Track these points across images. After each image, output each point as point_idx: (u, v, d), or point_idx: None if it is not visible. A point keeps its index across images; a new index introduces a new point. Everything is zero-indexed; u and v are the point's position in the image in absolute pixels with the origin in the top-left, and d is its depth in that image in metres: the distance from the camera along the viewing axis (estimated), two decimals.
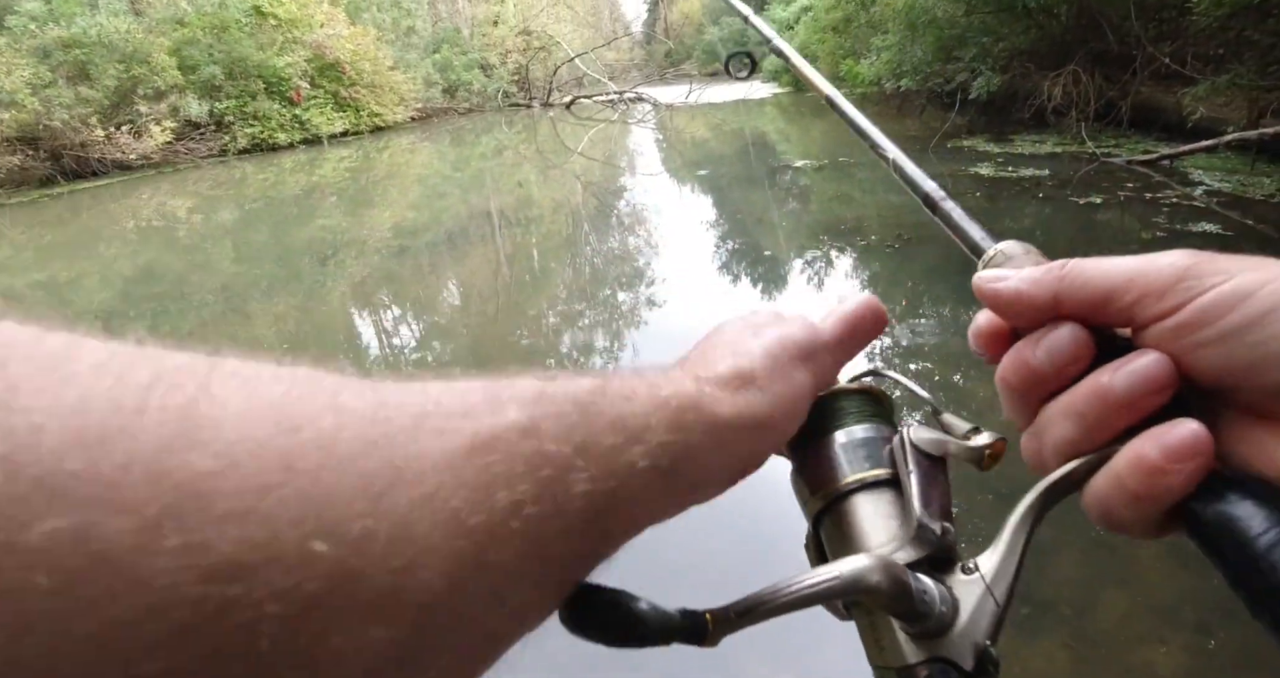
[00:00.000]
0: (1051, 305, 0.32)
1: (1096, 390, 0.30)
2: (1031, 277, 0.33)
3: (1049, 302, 0.32)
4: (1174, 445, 0.27)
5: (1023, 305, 0.33)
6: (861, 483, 0.35)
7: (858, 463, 0.36)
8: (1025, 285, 0.33)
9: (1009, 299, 0.33)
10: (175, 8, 17.93)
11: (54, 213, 12.45)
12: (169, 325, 5.43)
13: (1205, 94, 7.23)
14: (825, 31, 17.88)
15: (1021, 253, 0.37)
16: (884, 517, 0.34)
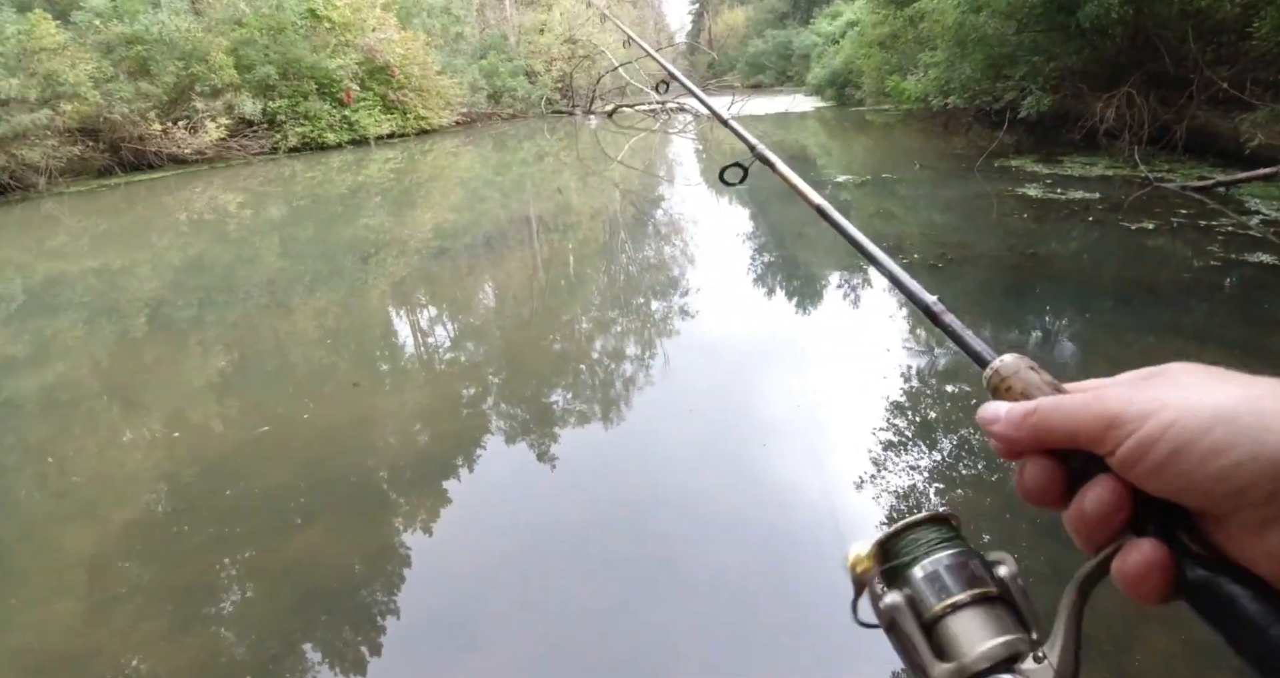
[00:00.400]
0: (1034, 444, 0.38)
1: (1078, 512, 0.36)
2: (1012, 422, 0.39)
3: (1032, 443, 0.38)
4: (1132, 569, 0.34)
5: (1012, 447, 0.39)
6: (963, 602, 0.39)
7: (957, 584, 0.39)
8: (1009, 431, 0.39)
9: (1000, 442, 0.40)
10: (234, 9, 18.45)
11: (110, 202, 12.86)
12: (214, 315, 5.56)
13: (1264, 120, 7.03)
14: (871, 46, 17.75)
15: (1015, 372, 0.42)
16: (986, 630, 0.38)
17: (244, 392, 4.15)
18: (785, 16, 46.38)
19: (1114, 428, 0.34)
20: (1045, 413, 0.38)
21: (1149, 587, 0.34)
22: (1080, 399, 0.37)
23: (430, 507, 2.90)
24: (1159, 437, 0.33)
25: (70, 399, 4.22)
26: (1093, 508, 0.36)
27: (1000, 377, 0.43)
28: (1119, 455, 0.34)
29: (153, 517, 2.93)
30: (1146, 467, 0.33)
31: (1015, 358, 0.43)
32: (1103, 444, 0.35)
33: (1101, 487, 0.35)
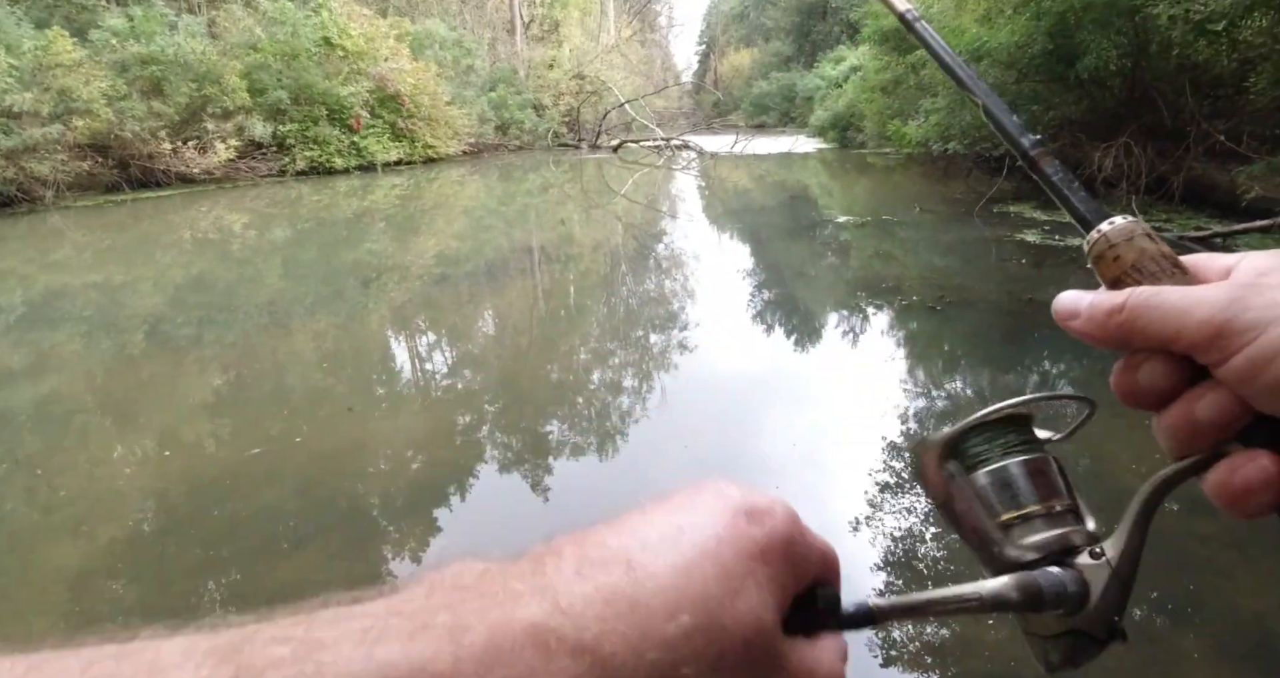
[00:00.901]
0: (1121, 344, 0.35)
1: (1185, 418, 0.33)
2: (1095, 318, 0.35)
3: (1118, 343, 0.35)
4: (1244, 483, 0.32)
5: (1097, 343, 0.35)
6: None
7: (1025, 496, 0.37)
8: (1093, 328, 0.35)
9: (1084, 337, 0.36)
10: (250, 34, 18.81)
11: (116, 218, 12.94)
12: (213, 334, 5.56)
13: (1261, 173, 7.14)
14: (874, 91, 18.07)
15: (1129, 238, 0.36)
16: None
17: (239, 412, 4.13)
18: (790, 60, 47.29)
19: (1222, 338, 0.31)
20: (1137, 310, 0.33)
21: (1259, 501, 0.31)
22: (1180, 298, 0.32)
23: (420, 535, 2.87)
24: (1275, 355, 0.30)
25: (63, 413, 4.20)
26: (1206, 417, 0.32)
27: (1108, 243, 0.37)
28: (1228, 369, 0.31)
29: (140, 535, 2.89)
30: (1259, 385, 0.30)
31: (1130, 222, 0.37)
32: (1207, 353, 0.32)
33: (1217, 395, 0.32)
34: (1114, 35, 9.00)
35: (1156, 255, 0.35)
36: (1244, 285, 0.32)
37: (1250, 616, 2.19)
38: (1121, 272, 0.36)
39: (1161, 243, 0.36)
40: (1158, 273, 0.35)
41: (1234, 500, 0.32)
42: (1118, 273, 0.36)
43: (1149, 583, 2.30)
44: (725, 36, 62.96)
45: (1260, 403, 0.31)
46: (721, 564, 0.28)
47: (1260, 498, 0.31)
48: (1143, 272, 0.35)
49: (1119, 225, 0.37)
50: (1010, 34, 10.06)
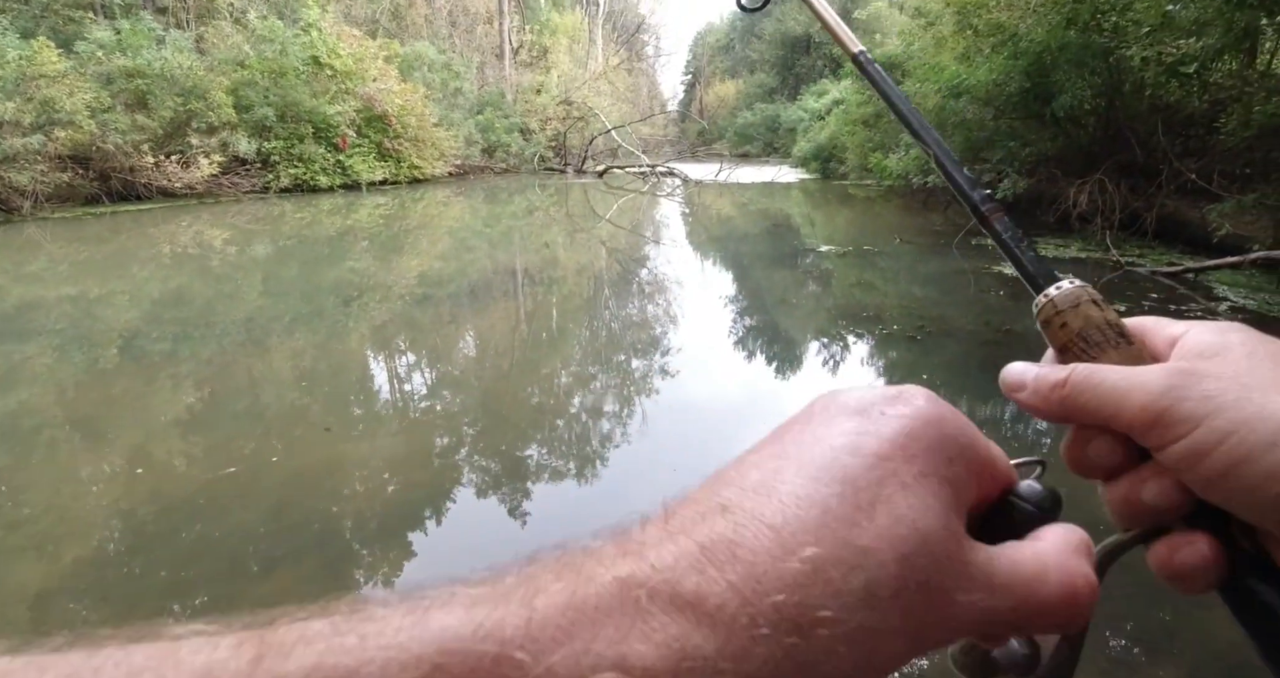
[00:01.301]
0: (1064, 419, 0.34)
1: (1130, 496, 0.33)
2: (1040, 392, 0.34)
3: (1061, 418, 0.34)
4: (1183, 564, 0.31)
5: (1042, 417, 0.35)
6: None
7: None
8: (1037, 402, 0.35)
9: (1029, 410, 0.35)
10: (238, 50, 18.83)
11: (94, 231, 12.78)
12: (189, 350, 5.47)
13: (1231, 211, 7.34)
14: (856, 124, 18.40)
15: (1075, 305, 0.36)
16: None
17: (212, 430, 4.06)
18: (774, 91, 48.11)
19: (1159, 426, 0.31)
20: (1078, 387, 0.33)
21: (1197, 583, 0.31)
22: (1119, 380, 0.32)
23: (395, 560, 2.82)
24: (1212, 449, 0.29)
25: (31, 427, 4.10)
26: (1151, 500, 0.32)
27: (1055, 309, 0.37)
28: (1167, 457, 0.31)
29: (106, 555, 2.82)
30: (1197, 477, 0.30)
31: (1077, 288, 0.37)
32: (1146, 438, 0.31)
33: (1160, 480, 0.32)
34: (1089, 75, 9.27)
35: (1102, 324, 0.35)
36: (1181, 372, 0.31)
37: (1225, 645, 2.20)
38: (1068, 339, 0.36)
39: (1108, 309, 0.36)
40: (1102, 343, 0.35)
41: (1173, 578, 0.32)
42: (1064, 340, 0.36)
43: (1125, 613, 2.31)
44: (711, 67, 63.99)
45: (1199, 491, 0.31)
46: (845, 477, 0.24)
47: (1198, 579, 0.31)
48: (1088, 341, 0.35)
49: (1065, 291, 0.37)
50: (988, 72, 10.32)
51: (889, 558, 0.23)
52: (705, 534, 0.23)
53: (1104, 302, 0.36)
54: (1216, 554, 0.31)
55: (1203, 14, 7.30)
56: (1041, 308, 0.38)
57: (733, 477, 0.26)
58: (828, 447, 0.25)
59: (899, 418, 0.26)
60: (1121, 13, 8.86)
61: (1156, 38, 8.36)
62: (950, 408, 0.28)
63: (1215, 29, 7.35)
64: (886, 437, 0.25)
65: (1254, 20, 7.05)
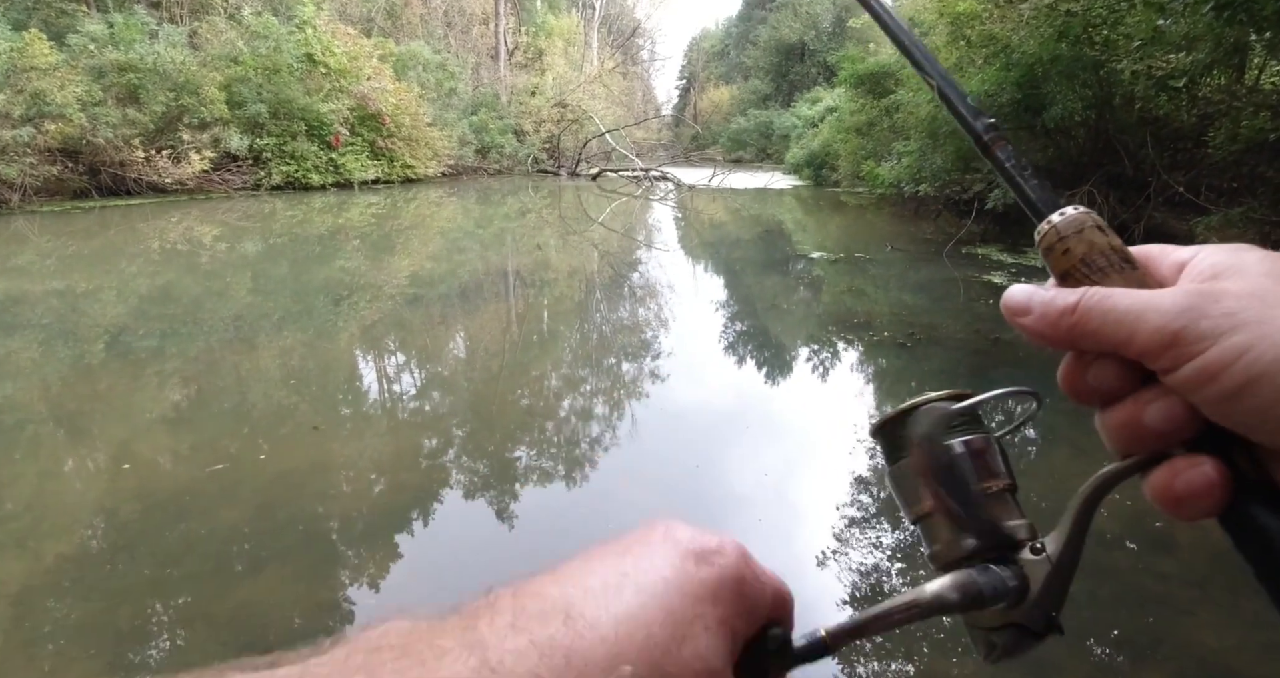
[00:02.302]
0: (1071, 345, 0.34)
1: (1131, 420, 0.32)
2: (1047, 318, 0.33)
3: (1068, 344, 0.34)
4: (1186, 487, 0.31)
5: (1046, 342, 0.34)
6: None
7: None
8: (1044, 328, 0.34)
9: (1033, 335, 0.34)
10: (232, 46, 18.73)
11: (83, 225, 12.68)
12: (176, 347, 5.43)
13: (1218, 224, 7.41)
14: (849, 132, 18.50)
15: (1078, 231, 0.35)
16: None
17: (199, 428, 4.03)
18: (768, 98, 48.27)
19: (1174, 346, 0.30)
20: (1090, 313, 0.32)
21: (1200, 507, 0.31)
22: (1133, 303, 0.31)
23: (381, 560, 2.80)
24: (1228, 366, 0.28)
25: (14, 422, 4.06)
26: (1153, 422, 0.32)
27: (1058, 235, 0.36)
28: (1178, 377, 0.30)
29: (89, 553, 2.79)
30: (1208, 395, 0.29)
31: (1080, 213, 0.36)
32: (1158, 361, 0.31)
33: (1166, 401, 0.31)
34: (1080, 88, 9.35)
35: (1106, 249, 0.35)
36: (1198, 292, 0.30)
37: (1209, 652, 2.22)
38: (1070, 265, 0.35)
39: (1112, 235, 0.35)
40: (1106, 268, 0.34)
41: (1174, 503, 0.31)
42: (1067, 267, 0.35)
43: (1110, 619, 2.33)
44: (706, 73, 64.18)
45: (1209, 411, 0.30)
46: (668, 609, 0.27)
47: (1200, 502, 0.31)
48: (1091, 266, 0.34)
49: (1069, 216, 0.36)
50: (981, 83, 10.39)
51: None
52: (546, 638, 0.25)
53: (1108, 227, 0.35)
54: (1223, 477, 0.30)
55: (1193, 29, 7.38)
56: (1044, 234, 0.36)
57: (579, 577, 0.28)
58: (660, 578, 0.28)
59: (718, 569, 0.29)
60: (1113, 27, 8.94)
61: (1147, 52, 8.44)
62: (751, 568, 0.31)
63: (1205, 44, 7.42)
64: (707, 584, 0.29)
65: (1243, 36, 7.13)
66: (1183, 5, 7.16)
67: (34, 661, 2.19)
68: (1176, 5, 7.28)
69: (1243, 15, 6.41)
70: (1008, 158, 0.39)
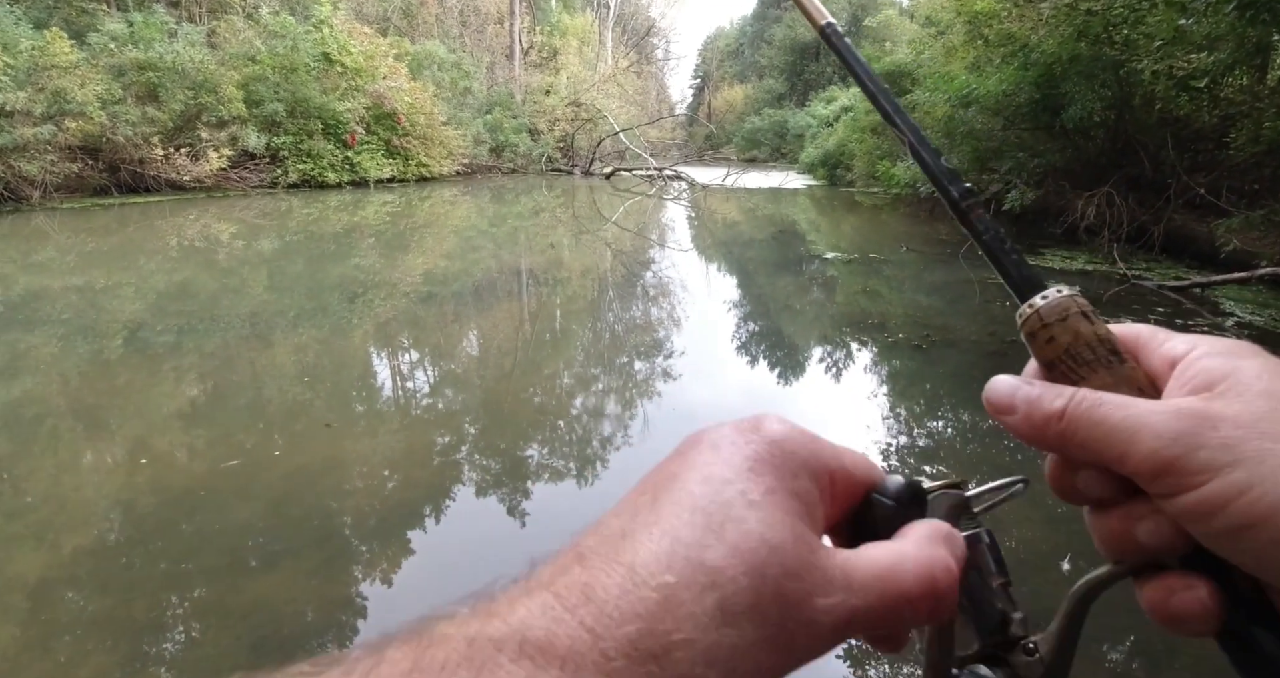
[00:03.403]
0: (1057, 451, 0.32)
1: (1122, 532, 0.31)
2: (1032, 422, 0.31)
3: (1054, 450, 0.32)
4: (1180, 608, 0.29)
5: (1033, 446, 0.32)
6: None
7: None
8: (1028, 432, 0.32)
9: (1018, 437, 0.32)
10: (250, 46, 18.89)
11: (102, 222, 12.83)
12: (193, 342, 5.48)
13: (1239, 227, 7.32)
14: (864, 132, 18.42)
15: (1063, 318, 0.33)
16: None
17: (214, 423, 4.06)
18: (782, 97, 48.15)
19: (1169, 475, 0.28)
20: (1077, 423, 0.30)
21: (1195, 628, 0.29)
22: (1125, 418, 0.29)
23: (394, 557, 2.81)
24: (1226, 504, 0.27)
25: (34, 416, 4.11)
26: (1147, 540, 0.30)
27: (1041, 321, 0.33)
28: (1173, 507, 0.28)
29: (106, 546, 2.82)
30: (1205, 530, 0.28)
31: (1065, 298, 0.33)
32: (1150, 485, 0.29)
33: (1157, 521, 0.29)
34: (1099, 88, 9.26)
35: (1092, 340, 0.32)
36: (1193, 415, 0.28)
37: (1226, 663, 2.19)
38: (1055, 356, 0.33)
39: (1098, 322, 0.33)
40: (1093, 362, 0.32)
41: (1168, 622, 0.30)
42: (1051, 357, 0.33)
43: (1126, 627, 2.30)
44: (720, 72, 64.09)
45: (1204, 542, 0.28)
46: (693, 505, 0.25)
47: (1196, 626, 0.29)
48: (1077, 359, 0.32)
49: (1053, 301, 0.33)
50: (999, 83, 10.32)
51: (739, 573, 0.23)
52: (561, 583, 0.23)
53: (1094, 313, 0.33)
54: (1216, 602, 0.29)
55: (1215, 29, 7.28)
56: (1026, 319, 0.34)
57: (594, 528, 0.26)
58: (680, 482, 0.26)
59: (746, 444, 0.27)
60: (1133, 26, 8.85)
61: (1168, 52, 8.34)
62: (796, 428, 0.28)
63: (1227, 44, 7.33)
64: (734, 463, 0.26)
65: (1266, 36, 7.03)
66: (1205, 5, 7.08)
67: (50, 652, 2.22)
68: (1199, 5, 7.19)
69: (1266, 15, 6.32)
70: (986, 229, 0.37)
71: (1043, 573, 2.65)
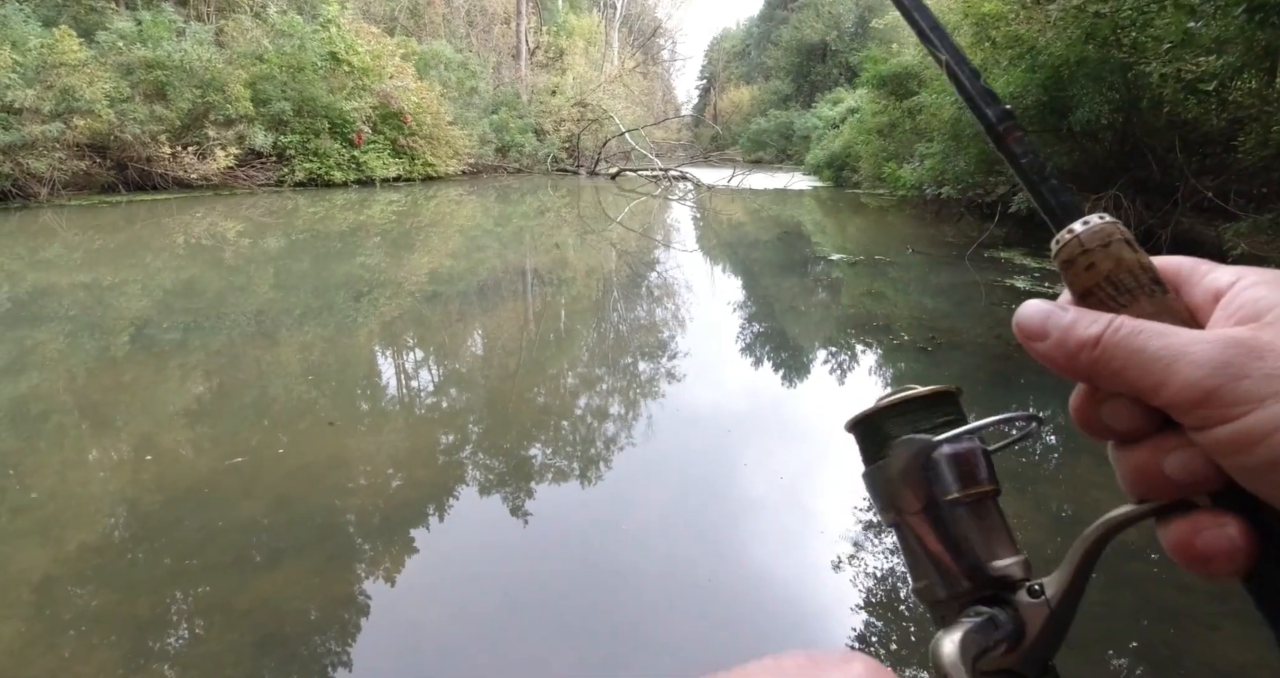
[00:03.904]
0: (1087, 380, 0.31)
1: (1149, 465, 0.30)
2: (1065, 348, 0.30)
3: (1085, 378, 0.31)
4: (1209, 547, 0.28)
5: (1061, 372, 0.31)
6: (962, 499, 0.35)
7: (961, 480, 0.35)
8: (1060, 358, 0.30)
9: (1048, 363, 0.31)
10: (257, 45, 18.95)
11: (109, 219, 12.88)
12: (199, 340, 5.50)
13: (1247, 231, 7.29)
14: (870, 133, 18.38)
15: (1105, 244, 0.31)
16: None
17: (219, 421, 4.07)
18: (788, 98, 48.07)
19: (1206, 406, 0.27)
20: (1113, 351, 0.29)
21: (1223, 568, 0.28)
22: (1164, 347, 0.28)
23: (398, 555, 2.82)
24: (1266, 436, 0.25)
25: (40, 412, 4.13)
26: (1176, 474, 0.29)
27: (1081, 247, 0.32)
28: (1207, 438, 0.27)
29: (111, 542, 2.83)
30: (1239, 463, 0.27)
31: (1107, 223, 0.32)
32: (1186, 416, 0.28)
33: (1189, 453, 0.28)
34: (1107, 90, 9.22)
35: (1135, 268, 0.31)
36: (1238, 343, 0.27)
37: (1232, 668, 2.18)
38: (1094, 283, 0.31)
39: (1141, 252, 0.31)
40: (1135, 290, 0.31)
41: (1194, 560, 0.29)
42: (1089, 284, 0.31)
43: (1130, 629, 2.29)
44: (726, 73, 64.04)
45: (1237, 477, 0.27)
46: None
47: (1224, 564, 0.28)
48: (1118, 286, 0.31)
49: (1094, 227, 0.32)
50: (1006, 85, 10.28)
51: None
52: None
53: (1136, 242, 0.32)
54: (1247, 540, 0.28)
55: (1223, 32, 7.25)
56: (1064, 245, 0.32)
57: None
58: None
59: None
60: (1141, 29, 8.82)
61: (1176, 54, 8.31)
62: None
63: (1236, 47, 7.30)
64: None
65: (1275, 39, 6.99)
66: (1214, 8, 7.04)
67: (55, 648, 2.23)
68: (1207, 8, 7.16)
69: (1275, 18, 6.29)
70: (1023, 152, 0.35)
71: None
